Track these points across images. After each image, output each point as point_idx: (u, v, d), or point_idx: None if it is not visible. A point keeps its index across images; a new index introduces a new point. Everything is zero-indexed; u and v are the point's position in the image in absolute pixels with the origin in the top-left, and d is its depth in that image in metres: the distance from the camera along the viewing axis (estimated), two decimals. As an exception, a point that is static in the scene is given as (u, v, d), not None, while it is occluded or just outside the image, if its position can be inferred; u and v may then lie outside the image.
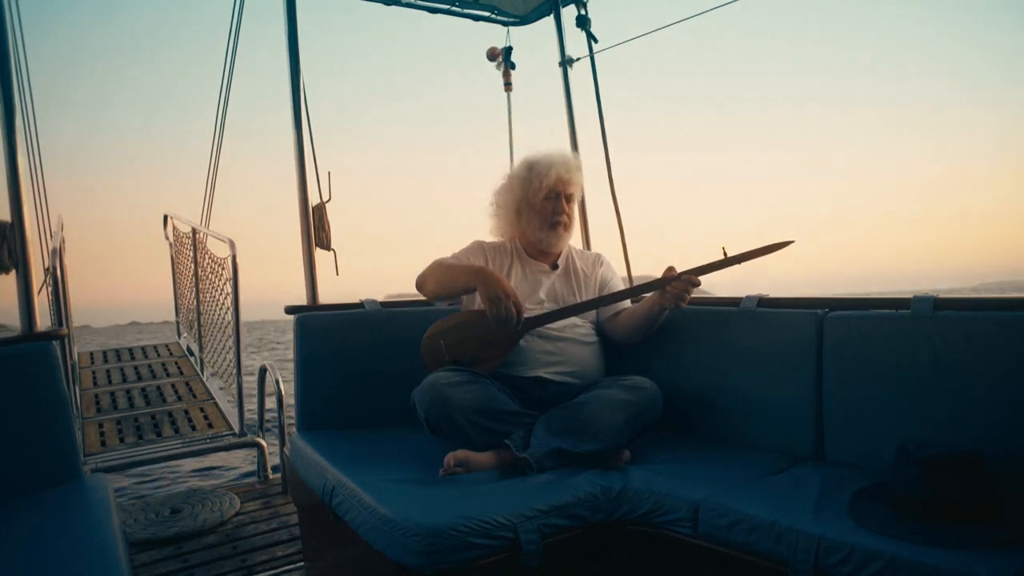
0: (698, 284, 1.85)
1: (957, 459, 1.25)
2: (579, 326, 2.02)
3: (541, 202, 2.06)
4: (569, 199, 2.09)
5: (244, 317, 3.33)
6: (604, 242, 3.12)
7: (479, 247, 2.12)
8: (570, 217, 2.10)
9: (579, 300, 2.08)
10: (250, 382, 3.39)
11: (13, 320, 2.04)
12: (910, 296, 1.63)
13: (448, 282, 1.98)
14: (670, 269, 1.88)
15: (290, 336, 2.21)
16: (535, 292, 2.06)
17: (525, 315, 1.89)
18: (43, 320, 2.03)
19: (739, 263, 1.85)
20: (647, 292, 1.94)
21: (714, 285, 1.90)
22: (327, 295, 2.57)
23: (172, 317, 5.90)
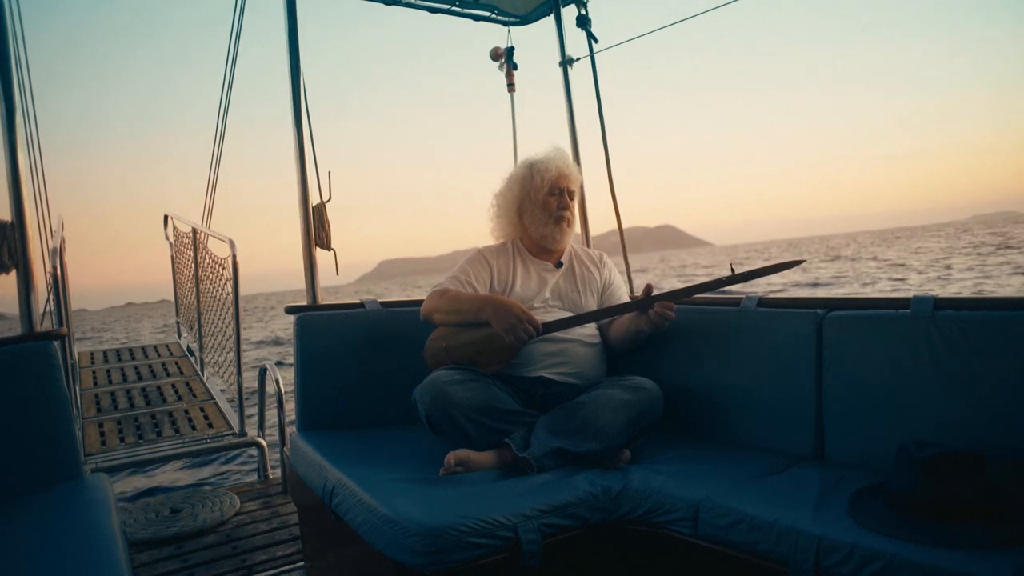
0: (672, 310, 1.85)
1: (957, 459, 1.25)
2: (583, 327, 2.02)
3: (544, 198, 2.07)
4: (571, 195, 2.10)
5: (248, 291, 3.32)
6: (604, 240, 3.13)
7: (480, 257, 2.11)
8: (572, 213, 2.11)
9: (583, 298, 2.08)
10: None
11: (11, 308, 2.04)
12: (910, 296, 1.63)
13: (456, 315, 1.96)
14: (648, 287, 1.88)
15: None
16: (540, 291, 2.06)
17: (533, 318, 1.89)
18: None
19: (746, 280, 1.86)
20: (642, 308, 1.92)
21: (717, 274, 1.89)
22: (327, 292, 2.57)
23: (167, 296, 5.88)
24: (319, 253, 2.62)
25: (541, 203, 2.07)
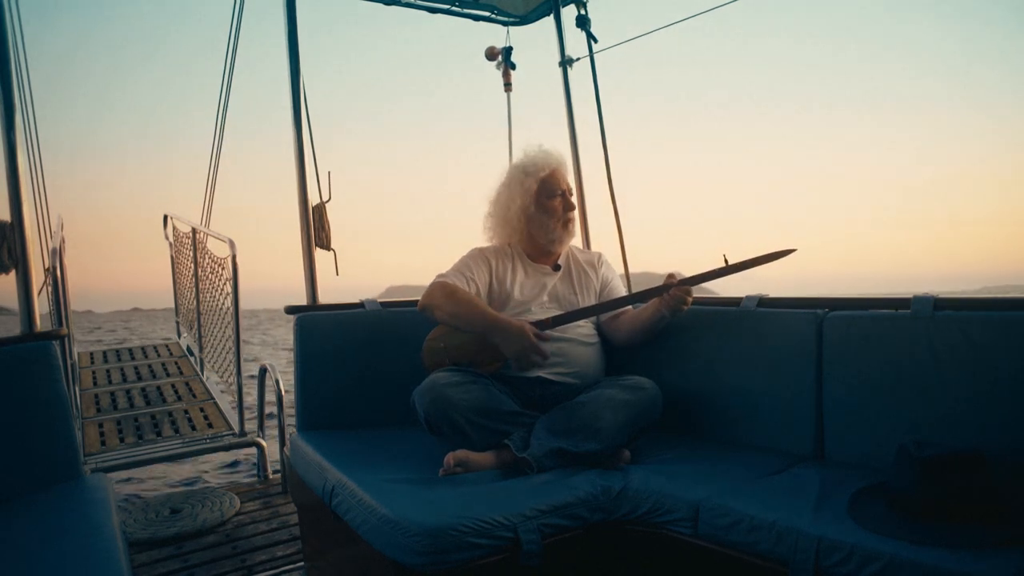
0: (689, 294, 1.87)
1: (957, 459, 1.25)
2: (581, 327, 2.02)
3: (548, 202, 2.06)
4: (571, 193, 2.11)
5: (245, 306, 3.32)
6: (604, 241, 3.13)
7: (480, 255, 2.10)
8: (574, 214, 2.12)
9: (581, 300, 2.08)
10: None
11: (13, 303, 2.04)
12: (910, 296, 1.63)
13: (460, 322, 1.93)
14: (671, 276, 1.89)
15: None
16: (539, 295, 2.05)
17: (531, 319, 1.89)
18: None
19: (740, 271, 1.86)
20: (651, 297, 1.94)
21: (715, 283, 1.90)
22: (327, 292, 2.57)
23: (173, 303, 5.90)
24: (319, 255, 2.62)
25: (548, 208, 2.06)
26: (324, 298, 2.55)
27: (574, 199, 2.13)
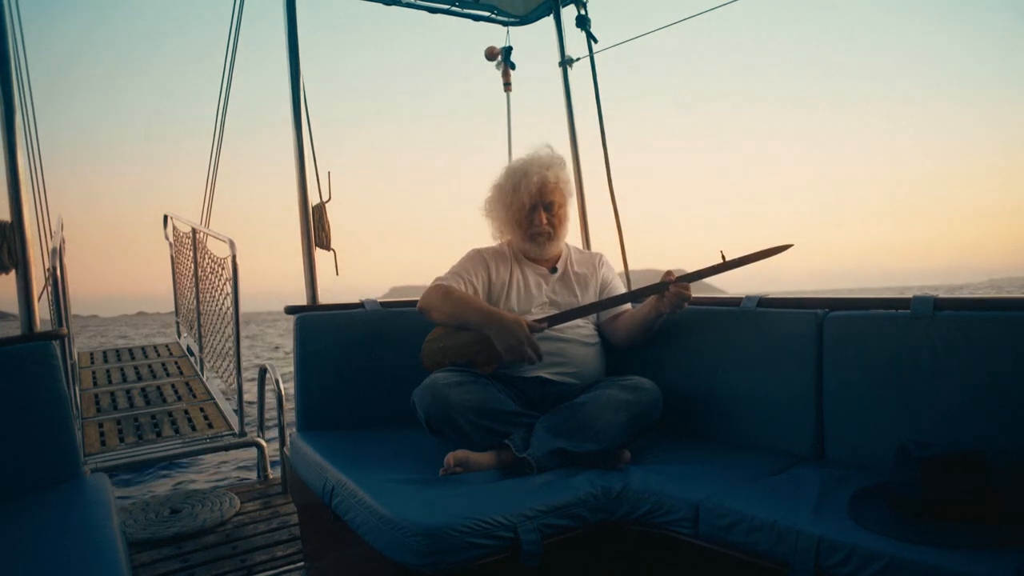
0: (689, 291, 1.86)
1: (957, 459, 1.25)
2: (581, 327, 2.02)
3: (522, 215, 2.04)
4: (550, 206, 2.04)
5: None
6: (603, 240, 3.13)
7: (478, 257, 2.10)
8: (555, 225, 2.06)
9: (580, 301, 2.07)
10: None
11: (13, 307, 2.04)
12: (910, 296, 1.63)
13: (457, 320, 1.94)
14: (668, 273, 1.88)
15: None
16: (537, 296, 2.05)
17: (529, 319, 1.89)
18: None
19: (737, 267, 1.86)
20: (647, 295, 1.94)
21: (720, 281, 1.90)
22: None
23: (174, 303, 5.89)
24: (319, 255, 2.62)
25: (519, 220, 2.05)
26: (325, 300, 2.55)
27: (568, 208, 2.10)
